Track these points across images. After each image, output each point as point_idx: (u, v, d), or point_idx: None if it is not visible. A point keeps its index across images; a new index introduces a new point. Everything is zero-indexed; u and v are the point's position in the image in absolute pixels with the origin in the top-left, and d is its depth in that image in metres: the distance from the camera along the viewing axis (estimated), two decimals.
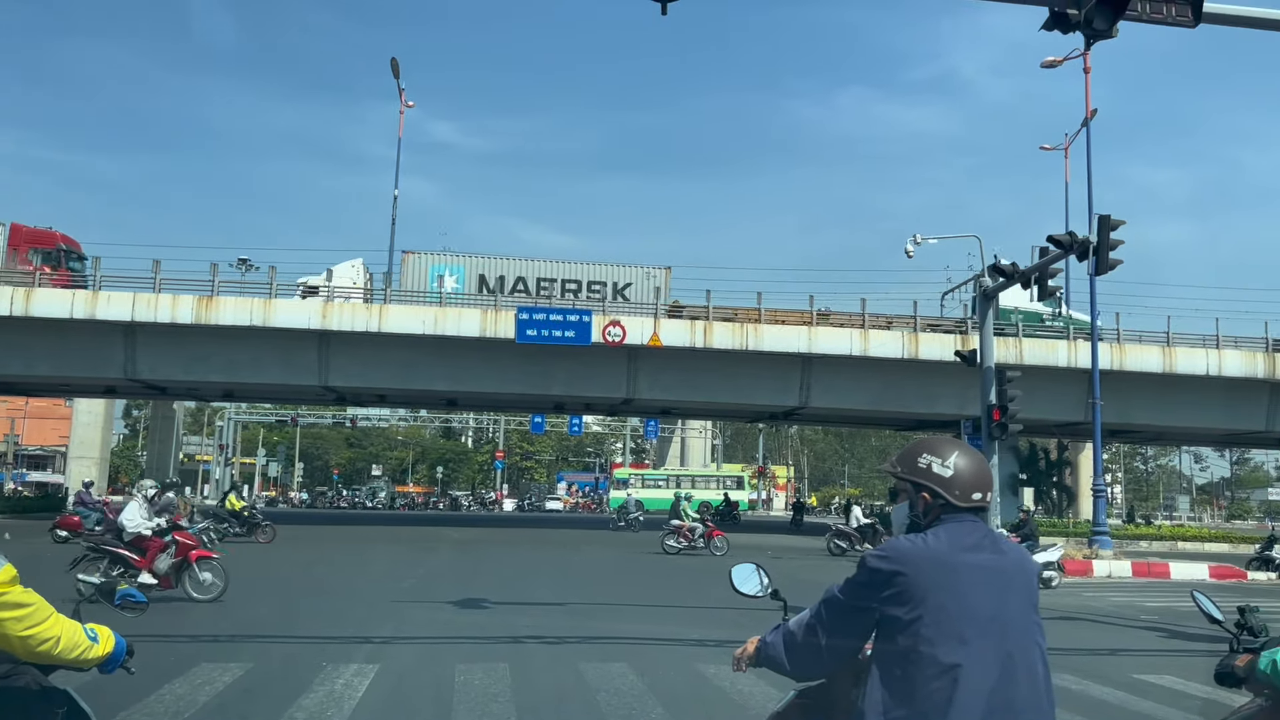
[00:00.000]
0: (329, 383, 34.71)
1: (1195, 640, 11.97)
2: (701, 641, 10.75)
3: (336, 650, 9.69)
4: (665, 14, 9.88)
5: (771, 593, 3.31)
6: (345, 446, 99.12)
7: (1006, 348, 32.42)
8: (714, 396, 36.30)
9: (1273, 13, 10.78)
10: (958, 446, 2.79)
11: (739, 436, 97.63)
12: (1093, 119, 29.84)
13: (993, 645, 2.55)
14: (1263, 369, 35.17)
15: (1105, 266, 17.75)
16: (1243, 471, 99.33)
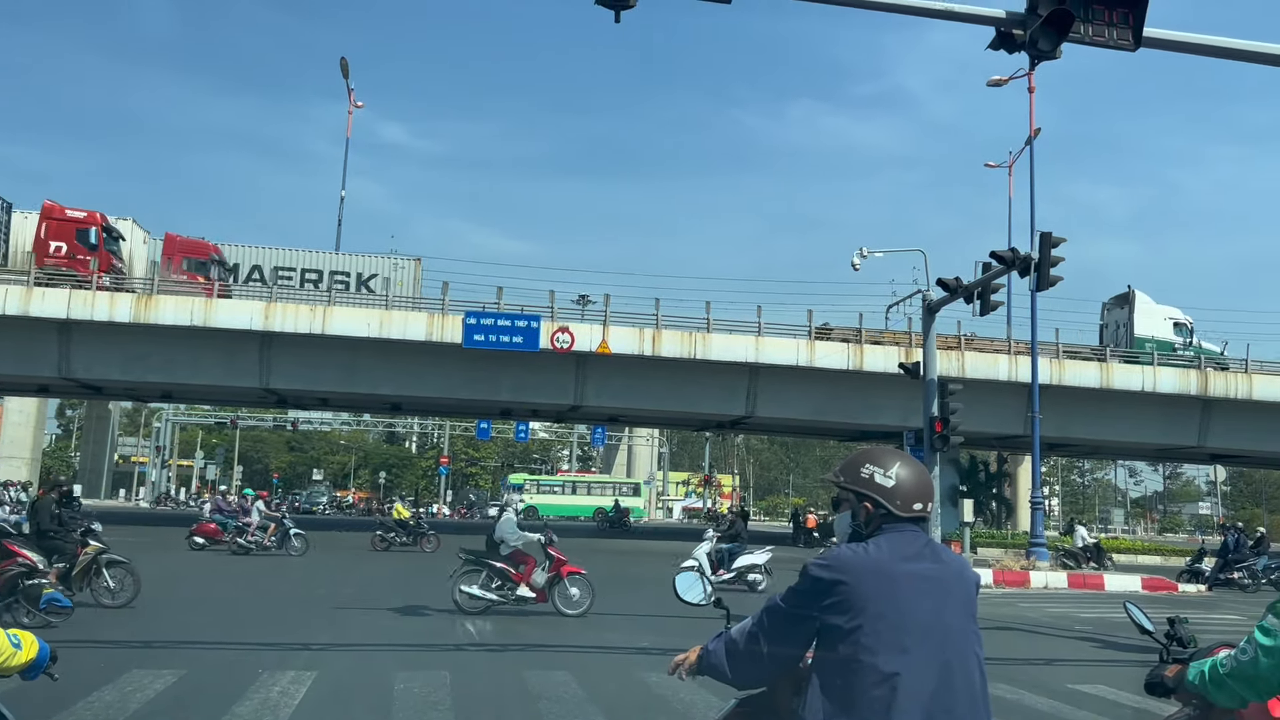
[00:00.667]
0: (270, 385, 34.16)
1: (1127, 650, 12.23)
2: (645, 650, 10.73)
3: (273, 657, 9.52)
4: (619, 21, 9.91)
5: (714, 601, 3.32)
6: (286, 450, 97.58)
7: (949, 360, 32.92)
8: (662, 404, 36.36)
9: (1209, 38, 11.10)
10: (900, 457, 2.81)
11: (685, 445, 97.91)
12: (1036, 137, 30.43)
13: (931, 654, 2.57)
14: (1195, 386, 36.10)
15: (1046, 283, 18.15)
16: (1175, 486, 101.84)
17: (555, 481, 70.00)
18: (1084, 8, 10.17)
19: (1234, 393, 36.31)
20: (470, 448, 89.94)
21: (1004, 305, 29.82)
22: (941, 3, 10.79)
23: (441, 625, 12.35)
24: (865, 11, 11.16)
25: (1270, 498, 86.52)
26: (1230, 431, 37.64)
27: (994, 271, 19.70)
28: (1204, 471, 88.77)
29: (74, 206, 33.44)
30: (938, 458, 21.40)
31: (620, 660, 10.40)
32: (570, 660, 10.21)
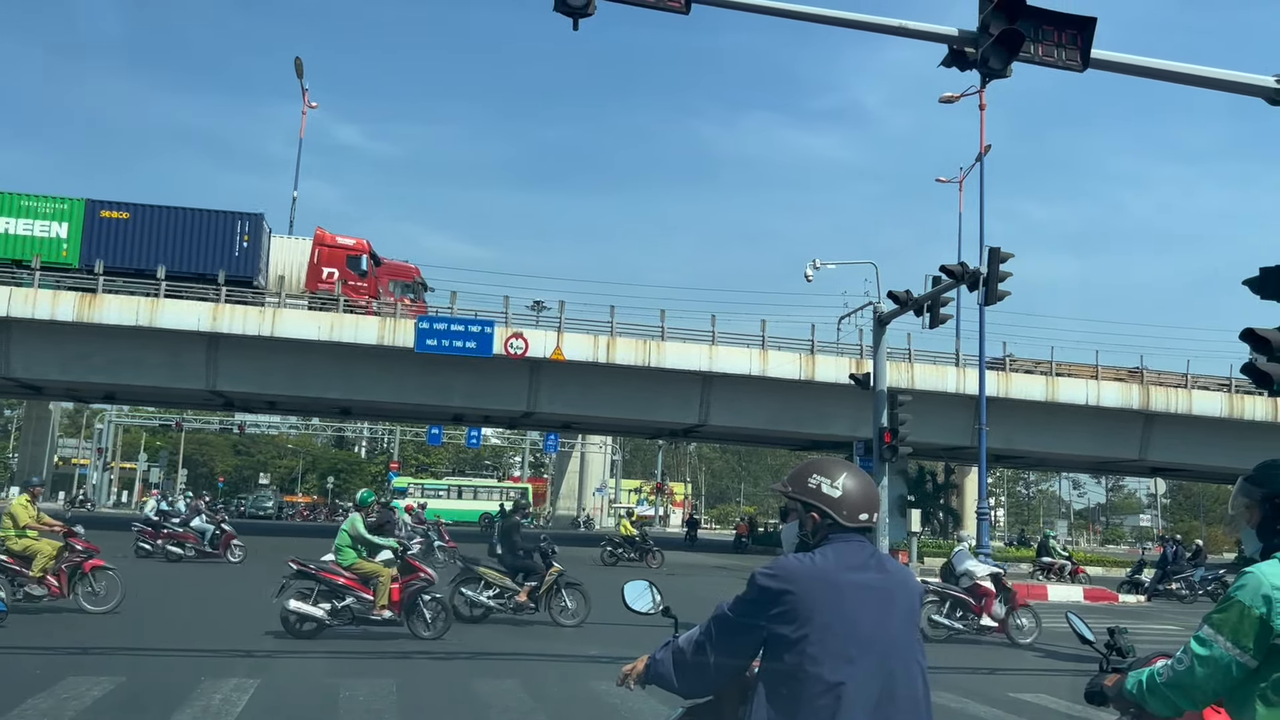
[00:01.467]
0: (217, 387, 33.61)
1: (1068, 660, 12.45)
2: (594, 659, 10.71)
3: (215, 664, 9.35)
4: (577, 29, 9.91)
5: (663, 610, 3.32)
6: (232, 453, 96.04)
7: (899, 372, 33.31)
8: (615, 412, 36.35)
9: (1154, 61, 11.35)
10: (846, 468, 2.84)
11: (638, 453, 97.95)
12: (986, 154, 30.91)
13: (875, 663, 2.59)
14: (1137, 400, 36.87)
15: (994, 297, 18.44)
16: (1117, 498, 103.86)
17: (440, 485, 68.33)
18: (1034, 28, 10.36)
19: (1174, 407, 37.15)
20: (421, 453, 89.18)
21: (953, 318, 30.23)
22: (896, 20, 10.93)
23: (389, 633, 12.20)
24: (822, 26, 11.27)
25: (1208, 510, 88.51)
26: (1170, 445, 38.49)
27: (943, 285, 19.98)
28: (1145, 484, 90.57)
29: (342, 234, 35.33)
30: (887, 468, 21.63)
31: (569, 669, 10.36)
32: (519, 668, 10.16)
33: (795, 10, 11.04)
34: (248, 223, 33.64)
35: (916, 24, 10.85)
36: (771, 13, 10.95)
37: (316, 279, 33.91)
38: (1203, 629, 2.56)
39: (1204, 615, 2.61)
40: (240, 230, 33.33)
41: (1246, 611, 2.48)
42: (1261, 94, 11.30)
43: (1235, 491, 2.76)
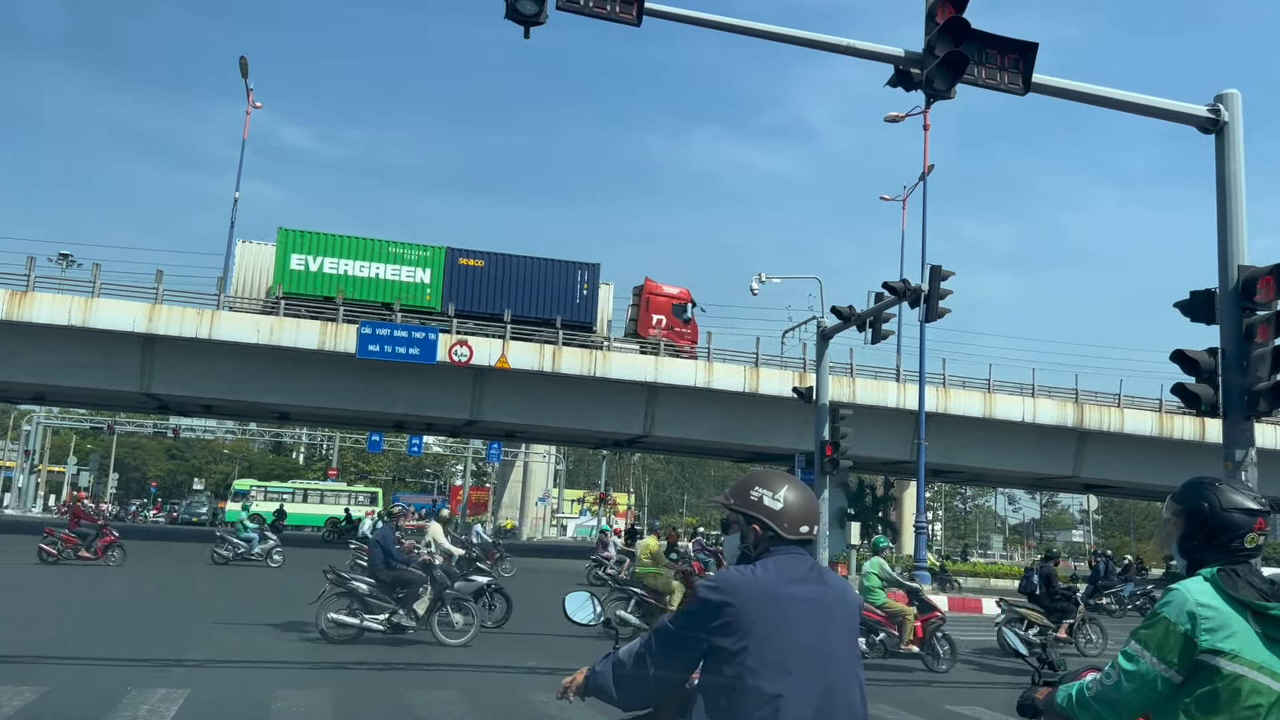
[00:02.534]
0: (152, 390, 32.86)
1: (1002, 673, 12.65)
2: (534, 670, 10.64)
3: (143, 674, 9.12)
4: (528, 37, 9.90)
5: (604, 622, 3.31)
6: (166, 458, 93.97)
7: (841, 386, 33.68)
8: (560, 422, 36.22)
9: (1093, 87, 11.66)
10: (788, 481, 2.85)
11: (582, 463, 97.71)
12: (929, 174, 31.43)
13: (814, 676, 2.61)
14: (1072, 418, 37.70)
15: (935, 314, 18.76)
16: (1051, 514, 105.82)
17: (286, 488, 65.62)
18: (978, 51, 10.58)
19: (1107, 425, 38.05)
20: (360, 460, 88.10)
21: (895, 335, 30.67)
22: (844, 39, 11.09)
23: (324, 643, 12.01)
24: (771, 43, 11.40)
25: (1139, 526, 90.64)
26: (1103, 462, 39.41)
27: (886, 301, 20.27)
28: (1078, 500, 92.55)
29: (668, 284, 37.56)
30: (828, 481, 21.85)
31: (507, 680, 10.28)
32: (457, 680, 10.06)
33: (746, 26, 11.16)
34: (587, 272, 35.93)
35: (864, 44, 11.01)
36: (722, 28, 11.05)
37: (647, 325, 36.26)
38: (1130, 645, 2.61)
39: (1131, 631, 2.67)
40: (580, 279, 35.71)
41: (1171, 628, 2.54)
42: (1194, 123, 11.66)
43: (1164, 509, 2.84)
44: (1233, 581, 2.57)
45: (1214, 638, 2.50)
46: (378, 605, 12.23)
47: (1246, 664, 2.49)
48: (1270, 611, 2.52)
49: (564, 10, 9.83)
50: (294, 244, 33.65)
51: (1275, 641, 2.53)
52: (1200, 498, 2.69)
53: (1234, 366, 10.76)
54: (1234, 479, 2.71)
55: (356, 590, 12.15)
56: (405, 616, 12.22)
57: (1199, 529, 2.68)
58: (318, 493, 64.52)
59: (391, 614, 12.19)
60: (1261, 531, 2.65)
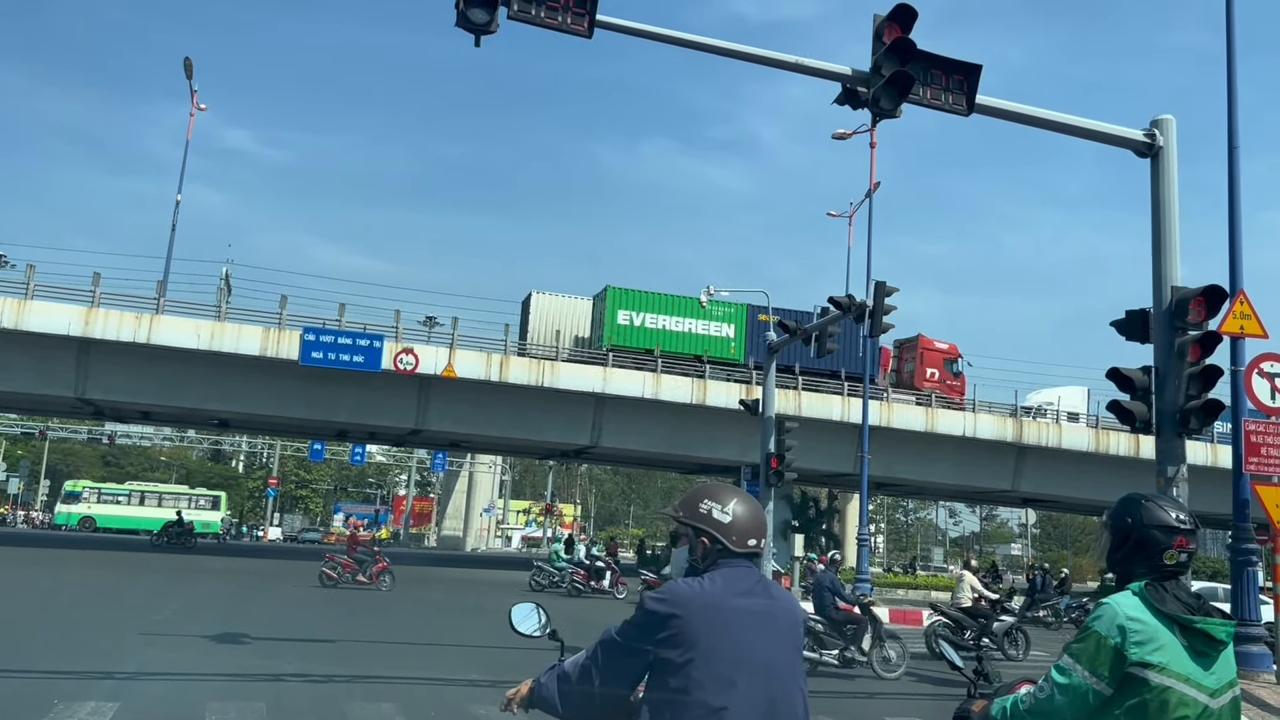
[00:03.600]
0: (87, 395, 32.08)
1: (940, 685, 12.81)
2: (475, 682, 10.55)
3: (71, 686, 8.88)
4: (479, 45, 9.88)
5: (550, 633, 3.30)
6: (100, 465, 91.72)
7: (787, 399, 33.95)
8: (507, 432, 36.02)
9: (1035, 110, 11.93)
10: (736, 494, 2.88)
11: (528, 473, 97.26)
12: (875, 191, 31.82)
13: (759, 689, 2.63)
14: (1010, 433, 38.40)
15: (879, 329, 19.01)
16: (990, 527, 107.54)
17: (120, 490, 62.66)
18: (923, 72, 10.79)
19: (1045, 440, 38.81)
20: (301, 469, 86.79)
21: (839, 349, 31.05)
22: (793, 56, 11.23)
23: (260, 653, 11.80)
24: (723, 59, 11.50)
25: (1075, 540, 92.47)
26: (1041, 477, 40.17)
27: (831, 316, 20.51)
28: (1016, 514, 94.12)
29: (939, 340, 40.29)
30: (773, 493, 21.99)
31: (448, 692, 10.18)
32: (396, 692, 9.94)
33: (697, 41, 11.25)
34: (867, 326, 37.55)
35: (812, 61, 11.16)
36: (673, 42, 11.12)
37: (921, 378, 39.12)
38: (1063, 658, 2.67)
39: (1065, 644, 2.73)
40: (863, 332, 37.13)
41: (1102, 641, 2.61)
42: (1132, 146, 11.98)
43: (1100, 524, 2.92)
44: (1160, 596, 2.64)
45: (1142, 651, 2.57)
46: (830, 641, 13.55)
47: (1174, 676, 2.57)
48: (1195, 625, 2.60)
49: (515, 20, 9.83)
50: (621, 301, 37.56)
51: (1201, 654, 2.61)
52: (1125, 513, 2.77)
53: (1167, 385, 11.06)
54: (1165, 495, 2.79)
55: (811, 629, 13.40)
56: (855, 651, 13.45)
57: (1123, 544, 2.76)
58: (155, 495, 61.39)
59: (843, 649, 13.49)
60: (1183, 549, 2.69)
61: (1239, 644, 10.75)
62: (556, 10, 9.90)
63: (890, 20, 10.57)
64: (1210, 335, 11.16)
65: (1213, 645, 2.62)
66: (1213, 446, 37.67)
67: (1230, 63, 13.68)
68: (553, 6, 9.88)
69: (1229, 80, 13.66)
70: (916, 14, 10.50)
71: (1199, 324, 11.16)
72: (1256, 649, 12.33)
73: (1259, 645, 12.44)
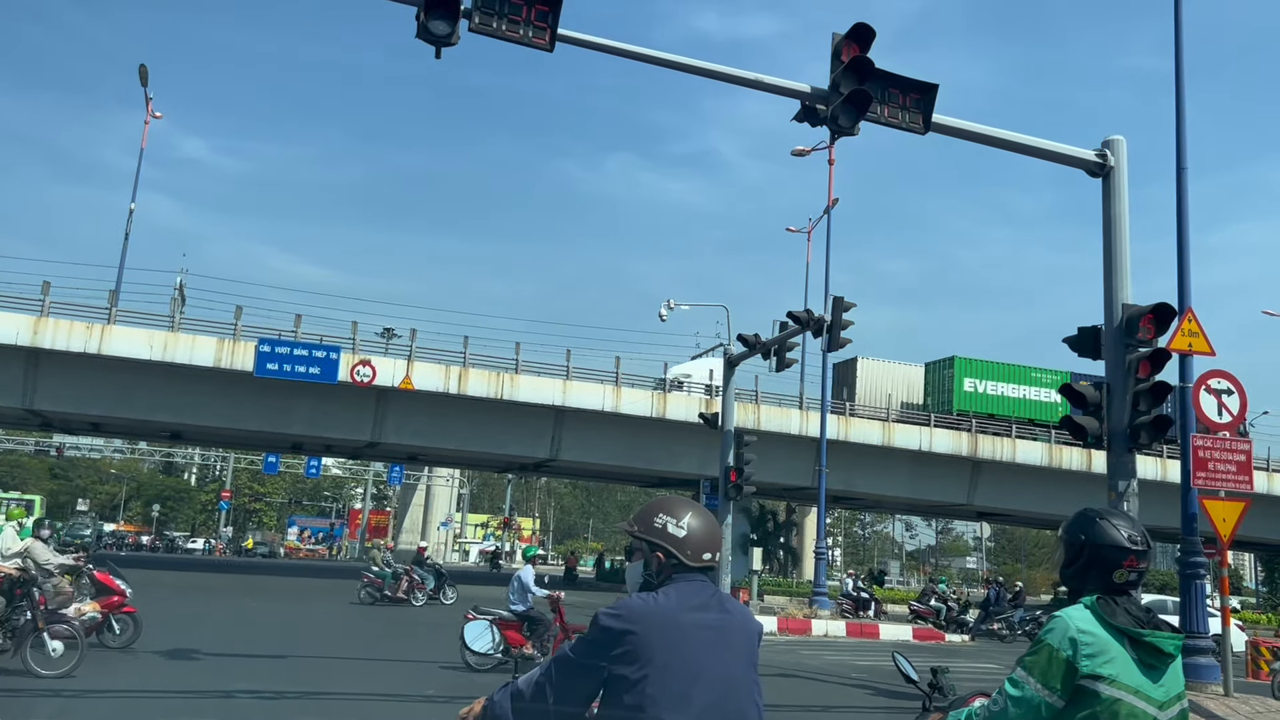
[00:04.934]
0: (35, 406, 31.41)
1: (896, 698, 12.89)
2: (430, 698, 10.43)
3: (19, 704, 8.66)
4: (439, 57, 9.86)
5: (503, 650, 3.27)
6: (48, 477, 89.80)
7: (746, 413, 34.07)
8: (465, 444, 35.79)
9: (989, 129, 12.11)
10: (692, 508, 2.87)
11: (486, 486, 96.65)
12: (834, 207, 32.17)
13: (714, 704, 2.62)
14: (966, 448, 38.83)
15: (837, 343, 19.18)
16: (946, 540, 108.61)
17: None
18: (881, 90, 10.92)
19: (999, 455, 39.28)
20: (255, 482, 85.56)
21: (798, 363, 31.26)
22: (753, 73, 11.32)
23: (213, 669, 11.59)
24: (684, 75, 11.56)
25: (1029, 554, 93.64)
26: (995, 491, 40.64)
27: (790, 330, 20.63)
28: (972, 528, 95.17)
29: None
30: (731, 506, 22.05)
31: (403, 708, 10.06)
32: (350, 708, 9.80)
33: (658, 57, 11.30)
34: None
35: (772, 78, 11.26)
36: (635, 57, 11.17)
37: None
38: (1016, 671, 2.70)
39: (1018, 657, 2.75)
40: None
41: (1054, 654, 2.64)
42: (1083, 166, 12.21)
43: (1056, 537, 2.95)
44: (1111, 609, 2.68)
45: (1094, 663, 2.60)
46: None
47: (1123, 688, 2.60)
48: (1144, 638, 2.64)
49: (477, 32, 9.82)
50: (967, 370, 40.80)
51: (1150, 667, 2.64)
52: (1079, 530, 2.80)
53: (1118, 400, 11.25)
54: (1118, 512, 2.82)
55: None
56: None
57: (1075, 559, 2.80)
58: None
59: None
60: (1132, 569, 2.72)
61: (1187, 656, 10.93)
62: (518, 23, 9.90)
63: (849, 39, 10.70)
64: (1160, 352, 11.38)
65: (1161, 658, 2.66)
66: (1163, 461, 38.35)
67: (1179, 87, 14.00)
68: (514, 20, 9.88)
69: (1178, 103, 13.99)
70: (875, 33, 10.64)
71: (1149, 341, 11.38)
72: (1204, 661, 12.56)
73: (1207, 657, 12.66)
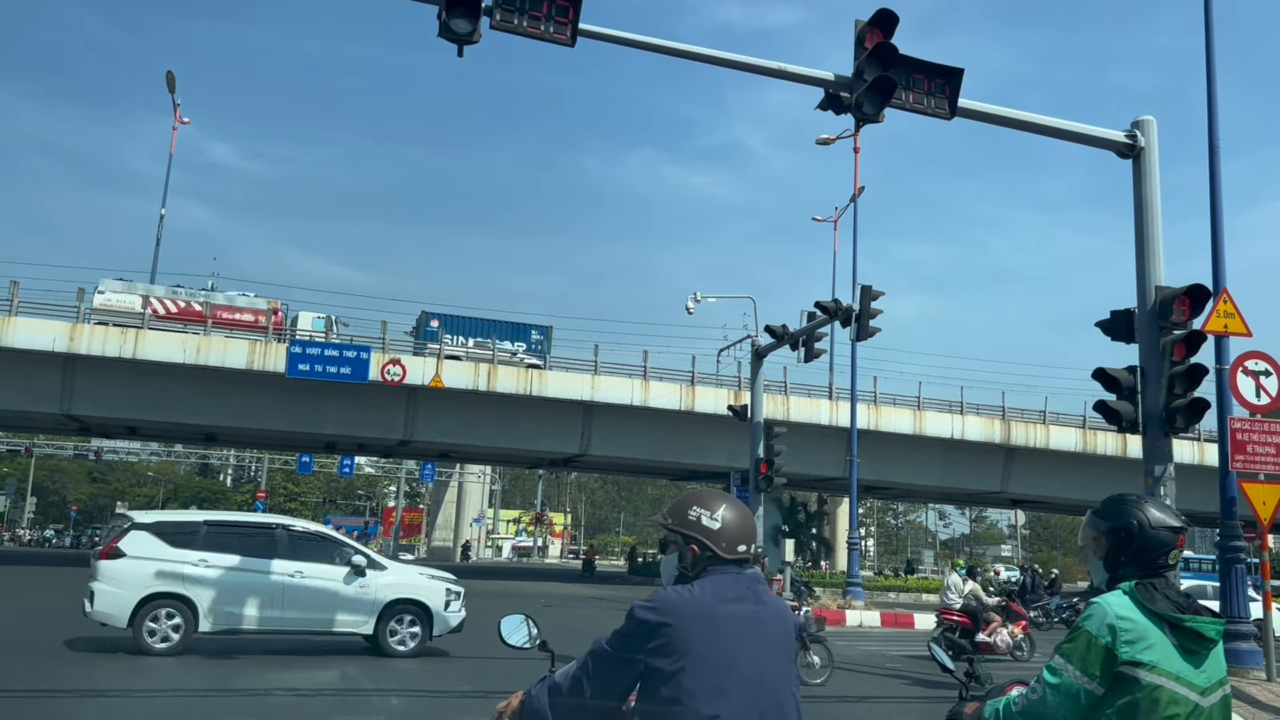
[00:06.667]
0: (73, 411, 31.89)
1: (932, 688, 12.81)
2: (468, 694, 10.51)
3: (60, 705, 8.80)
4: (461, 55, 9.88)
5: (540, 644, 3.28)
6: (87, 481, 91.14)
7: (775, 404, 33.98)
8: (495, 441, 35.96)
9: (1016, 112, 11.99)
10: (725, 500, 2.87)
11: (517, 482, 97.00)
12: (860, 195, 32.00)
13: (751, 696, 2.62)
14: (999, 435, 38.52)
15: (866, 333, 19.05)
16: (980, 529, 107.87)
17: None
18: (906, 76, 10.83)
19: (1033, 442, 38.94)
20: (290, 482, 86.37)
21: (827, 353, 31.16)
22: (776, 63, 11.26)
23: (249, 669, 11.73)
24: (706, 67, 11.52)
25: (1064, 541, 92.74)
26: (1029, 478, 40.30)
27: (818, 321, 20.54)
28: (1006, 516, 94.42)
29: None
30: (762, 498, 22.01)
31: (440, 704, 10.14)
32: (389, 706, 9.89)
33: (680, 49, 11.27)
34: None
35: (796, 67, 11.19)
36: (657, 50, 11.14)
37: None
38: (1054, 659, 2.68)
39: (1056, 645, 2.73)
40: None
41: (1093, 641, 2.61)
42: (1113, 147, 12.05)
43: (1084, 524, 2.91)
44: (1150, 595, 2.65)
45: (1133, 650, 2.58)
46: None
47: (1164, 675, 2.57)
48: (1185, 623, 2.61)
49: (498, 29, 9.83)
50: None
51: (1191, 653, 2.61)
52: (1129, 515, 2.77)
53: (1153, 384, 11.11)
54: (1154, 496, 2.80)
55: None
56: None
57: (1125, 546, 2.76)
58: None
59: None
60: (1180, 548, 2.75)
61: (1228, 642, 10.79)
62: (539, 19, 9.90)
63: (872, 26, 10.62)
64: (1195, 334, 11.22)
65: (1203, 644, 2.63)
66: (1199, 444, 37.87)
67: (1210, 65, 13.79)
68: (535, 15, 9.88)
69: (1209, 82, 13.78)
70: (898, 19, 10.55)
71: (1183, 323, 11.22)
72: (1246, 646, 12.40)
73: (1248, 642, 12.50)
